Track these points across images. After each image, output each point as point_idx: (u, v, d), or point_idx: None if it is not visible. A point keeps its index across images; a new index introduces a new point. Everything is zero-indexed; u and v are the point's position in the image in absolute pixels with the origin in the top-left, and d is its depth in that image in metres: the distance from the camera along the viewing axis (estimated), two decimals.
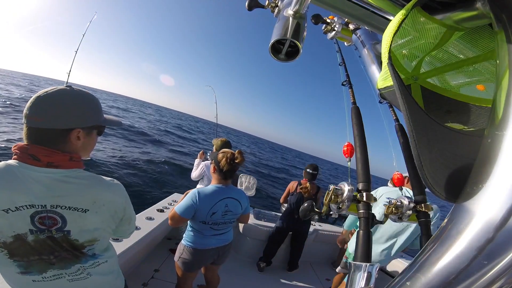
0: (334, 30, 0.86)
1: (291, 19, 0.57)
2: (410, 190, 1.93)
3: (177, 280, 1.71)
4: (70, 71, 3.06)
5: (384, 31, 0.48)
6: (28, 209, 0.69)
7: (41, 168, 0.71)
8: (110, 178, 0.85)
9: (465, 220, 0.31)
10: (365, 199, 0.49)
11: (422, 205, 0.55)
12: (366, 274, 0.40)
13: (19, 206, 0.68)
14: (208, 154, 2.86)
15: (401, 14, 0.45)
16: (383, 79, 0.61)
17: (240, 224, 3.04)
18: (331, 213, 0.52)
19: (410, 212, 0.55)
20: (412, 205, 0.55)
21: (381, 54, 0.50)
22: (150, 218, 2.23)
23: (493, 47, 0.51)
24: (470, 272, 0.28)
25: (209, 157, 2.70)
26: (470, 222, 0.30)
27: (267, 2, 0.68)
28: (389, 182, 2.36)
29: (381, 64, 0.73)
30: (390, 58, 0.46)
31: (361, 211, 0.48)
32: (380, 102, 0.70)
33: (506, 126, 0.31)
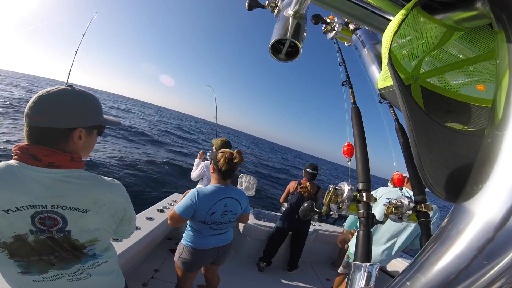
0: (334, 30, 0.86)
1: (291, 19, 0.57)
2: (410, 190, 1.93)
3: (177, 280, 1.72)
4: (70, 71, 3.05)
5: (384, 31, 0.48)
6: (28, 209, 0.69)
7: (41, 168, 0.71)
8: (110, 178, 0.85)
9: (465, 220, 0.31)
10: (365, 199, 0.49)
11: (422, 205, 0.55)
12: (366, 274, 0.40)
13: (20, 207, 0.68)
14: (207, 154, 2.86)
15: (401, 14, 0.45)
16: (383, 79, 0.61)
17: (240, 224, 3.04)
18: (331, 213, 0.52)
19: (410, 212, 0.55)
20: (412, 205, 0.55)
21: (381, 54, 0.50)
22: (150, 218, 2.23)
23: (493, 47, 0.51)
24: (470, 272, 0.28)
25: (208, 157, 2.70)
26: (470, 222, 0.30)
27: (267, 2, 0.68)
28: (389, 182, 2.36)
29: (381, 64, 0.73)
30: (390, 58, 0.46)
31: (361, 211, 0.48)
32: (380, 102, 0.70)
33: (506, 126, 0.31)
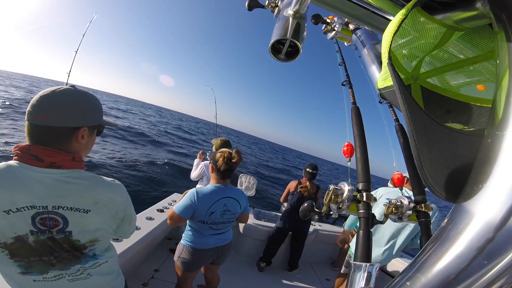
0: (334, 30, 0.86)
1: (291, 19, 0.57)
2: (409, 190, 1.94)
3: (177, 280, 1.72)
4: (70, 71, 3.05)
5: (384, 31, 0.48)
6: (29, 210, 0.69)
7: (42, 168, 0.71)
8: (111, 179, 0.86)
9: (465, 220, 0.31)
10: (365, 199, 0.49)
11: (422, 205, 0.55)
12: (366, 274, 0.40)
13: (20, 207, 0.68)
14: (207, 154, 2.85)
15: (401, 14, 0.45)
16: (383, 79, 0.61)
17: (240, 224, 3.04)
18: (331, 213, 0.52)
19: (410, 212, 0.55)
20: (412, 205, 0.55)
21: (381, 54, 0.50)
22: (150, 218, 2.23)
23: (493, 47, 0.51)
24: (470, 272, 0.28)
25: (208, 157, 2.70)
26: (470, 222, 0.30)
27: (267, 2, 0.68)
28: (389, 182, 2.36)
29: (381, 64, 0.73)
30: (390, 58, 0.46)
31: (361, 211, 0.48)
32: (380, 102, 0.70)
33: (506, 126, 0.30)
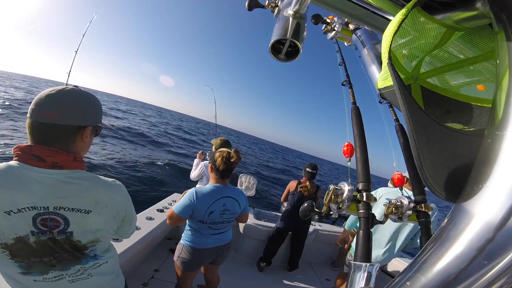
0: (334, 30, 0.86)
1: (291, 19, 0.57)
2: (409, 190, 1.94)
3: (176, 280, 1.72)
4: (70, 71, 3.05)
5: (384, 31, 0.48)
6: (30, 211, 0.68)
7: (44, 169, 0.71)
8: (112, 179, 0.86)
9: (465, 220, 0.31)
10: (365, 199, 0.49)
11: (422, 205, 0.55)
12: (366, 274, 0.40)
13: (21, 208, 0.67)
14: (207, 154, 2.85)
15: (401, 14, 0.45)
16: (383, 79, 0.61)
17: (240, 224, 3.04)
18: (331, 213, 0.52)
19: (410, 212, 0.55)
20: (412, 205, 0.55)
21: (381, 54, 0.50)
22: (150, 218, 2.23)
23: (493, 47, 0.51)
24: (470, 272, 0.28)
25: (207, 157, 2.70)
26: (470, 222, 0.30)
27: (267, 2, 0.68)
28: (389, 182, 2.36)
29: (381, 64, 0.73)
30: (390, 58, 0.46)
31: (361, 211, 0.48)
32: (380, 102, 0.70)
33: (506, 126, 0.30)
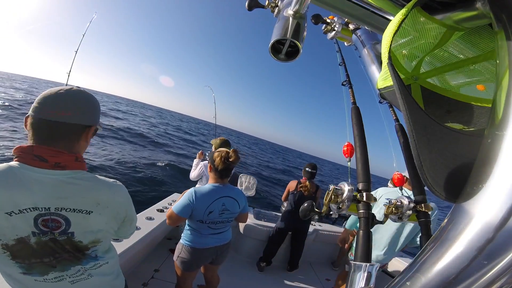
0: (334, 30, 0.86)
1: (291, 19, 0.57)
2: (409, 190, 1.94)
3: (176, 280, 1.72)
4: (70, 71, 3.04)
5: (384, 31, 0.48)
6: (31, 211, 0.68)
7: (45, 170, 0.70)
8: (112, 180, 0.86)
9: (465, 220, 0.31)
10: (365, 199, 0.49)
11: (422, 205, 0.55)
12: (366, 274, 0.40)
13: (23, 209, 0.67)
14: (206, 154, 2.85)
15: (401, 14, 0.45)
16: (383, 79, 0.61)
17: (240, 224, 3.04)
18: (331, 213, 0.52)
19: (410, 212, 0.55)
20: (412, 205, 0.55)
21: (381, 54, 0.50)
22: (150, 218, 2.23)
23: (493, 47, 0.51)
24: (470, 272, 0.28)
25: (207, 156, 2.70)
26: (470, 222, 0.30)
27: (267, 2, 0.68)
28: (389, 182, 2.37)
29: (381, 64, 0.73)
30: (390, 58, 0.46)
31: (361, 211, 0.48)
32: (380, 102, 0.70)
33: (506, 126, 0.30)
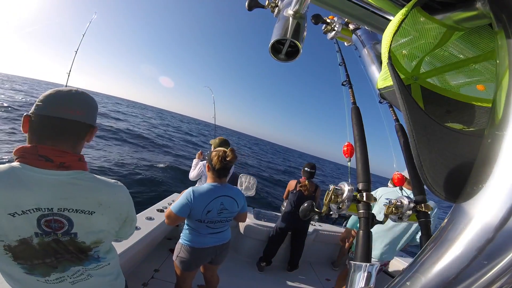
0: (334, 30, 0.86)
1: (291, 19, 0.57)
2: (408, 190, 1.95)
3: (176, 279, 1.72)
4: (70, 71, 3.04)
5: (384, 31, 0.48)
6: (34, 212, 0.68)
7: (48, 170, 0.70)
8: (114, 180, 0.86)
9: (465, 220, 0.31)
10: (365, 199, 0.49)
11: (422, 205, 0.55)
12: (366, 274, 0.40)
13: (26, 210, 0.67)
14: (206, 154, 2.86)
15: (401, 14, 0.45)
16: (383, 79, 0.61)
17: (240, 224, 3.04)
18: (331, 213, 0.52)
19: (410, 212, 0.55)
20: (412, 205, 0.55)
21: (381, 54, 0.50)
22: (150, 218, 2.23)
23: (493, 47, 0.51)
24: (470, 272, 0.28)
25: (206, 156, 2.71)
26: (470, 222, 0.30)
27: (267, 2, 0.68)
28: (389, 182, 2.37)
29: (381, 64, 0.73)
30: (390, 58, 0.46)
31: (361, 211, 0.48)
32: (380, 102, 0.70)
33: (506, 126, 0.30)
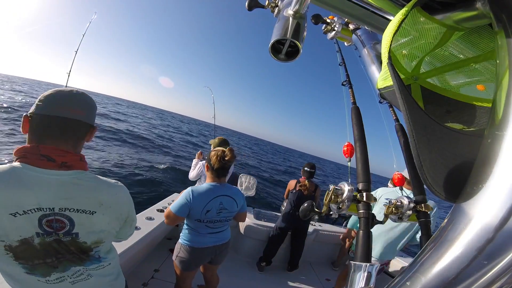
0: (334, 30, 0.86)
1: (291, 19, 0.57)
2: (407, 190, 1.95)
3: (176, 279, 1.72)
4: (70, 71, 3.04)
5: (384, 31, 0.48)
6: (36, 212, 0.68)
7: (50, 170, 0.70)
8: (114, 180, 0.86)
9: (465, 220, 0.31)
10: (365, 199, 0.49)
11: (422, 205, 0.55)
12: (366, 274, 0.40)
13: (27, 210, 0.67)
14: (205, 154, 2.86)
15: (401, 14, 0.45)
16: (383, 79, 0.61)
17: (240, 224, 3.04)
18: (331, 213, 0.52)
19: (410, 212, 0.55)
20: (412, 205, 0.55)
21: (381, 54, 0.50)
22: (150, 218, 2.23)
23: (493, 47, 0.51)
24: (470, 272, 0.28)
25: (205, 156, 2.71)
26: (470, 222, 0.30)
27: (267, 2, 0.68)
28: (389, 182, 2.37)
29: (381, 64, 0.73)
30: (390, 58, 0.46)
31: (361, 211, 0.48)
32: (380, 102, 0.70)
33: (506, 126, 0.30)
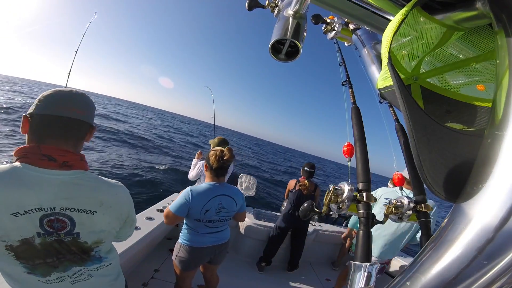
0: (334, 30, 0.86)
1: (291, 19, 0.57)
2: (407, 190, 1.95)
3: (175, 279, 1.72)
4: (70, 72, 3.04)
5: (384, 31, 0.48)
6: (37, 212, 0.68)
7: (51, 170, 0.70)
8: (114, 180, 0.86)
9: (465, 220, 0.31)
10: (365, 199, 0.49)
11: (422, 205, 0.55)
12: (366, 274, 0.40)
13: (28, 210, 0.67)
14: (205, 154, 2.86)
15: (401, 14, 0.45)
16: (383, 79, 0.61)
17: (240, 224, 3.04)
18: (331, 213, 0.52)
19: (410, 212, 0.55)
20: (412, 205, 0.55)
21: (381, 54, 0.50)
22: (150, 218, 2.23)
23: (493, 47, 0.51)
24: (470, 272, 0.28)
25: (205, 156, 2.71)
26: (470, 222, 0.30)
27: (267, 2, 0.68)
28: (389, 182, 2.37)
29: (381, 64, 0.73)
30: (390, 58, 0.46)
31: (361, 211, 0.48)
32: (380, 102, 0.70)
33: (506, 126, 0.30)
